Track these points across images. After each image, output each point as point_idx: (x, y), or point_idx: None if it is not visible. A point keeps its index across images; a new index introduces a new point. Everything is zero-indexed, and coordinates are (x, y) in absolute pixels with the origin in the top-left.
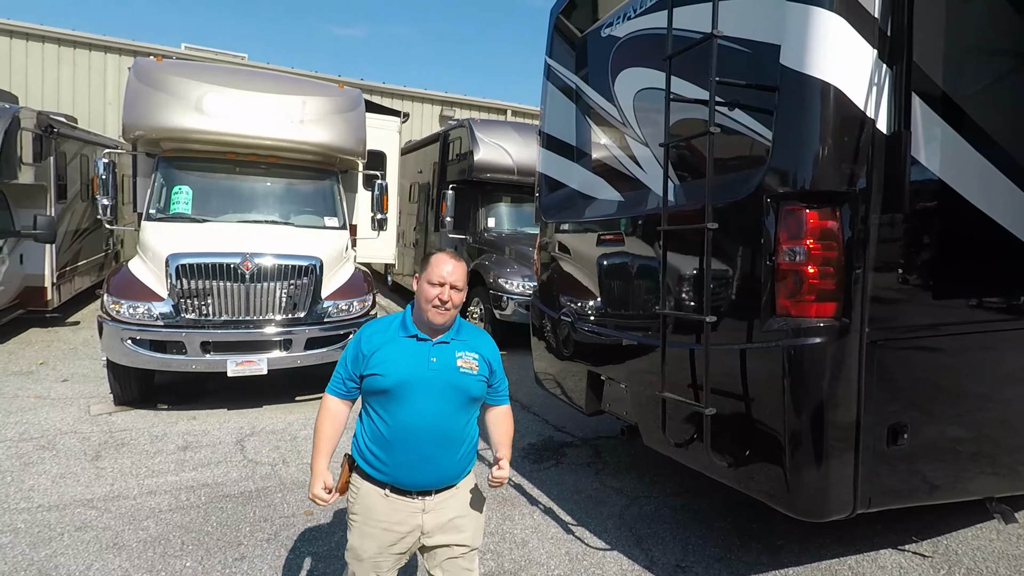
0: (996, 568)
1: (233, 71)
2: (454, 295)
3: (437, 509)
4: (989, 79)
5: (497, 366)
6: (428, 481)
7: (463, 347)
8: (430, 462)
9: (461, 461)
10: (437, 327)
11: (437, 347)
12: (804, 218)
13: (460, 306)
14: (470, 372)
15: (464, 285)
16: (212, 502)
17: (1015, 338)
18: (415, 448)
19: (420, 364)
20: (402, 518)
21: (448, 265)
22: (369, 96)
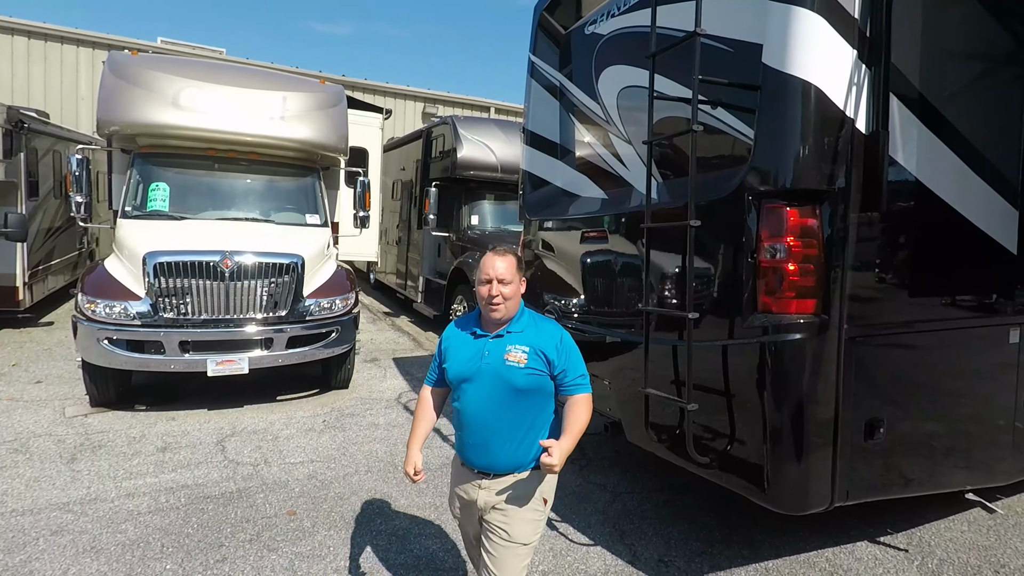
0: (967, 559)
1: (211, 66)
2: (503, 289)
3: (491, 490)
4: (964, 81)
5: (556, 356)
6: (484, 465)
7: (516, 340)
8: (483, 448)
9: (520, 452)
10: (495, 321)
11: (493, 341)
12: (785, 216)
13: (515, 297)
14: (516, 365)
15: (512, 277)
16: (192, 503)
17: (988, 335)
18: (472, 434)
19: (474, 358)
20: (467, 487)
21: (494, 261)
22: (351, 92)
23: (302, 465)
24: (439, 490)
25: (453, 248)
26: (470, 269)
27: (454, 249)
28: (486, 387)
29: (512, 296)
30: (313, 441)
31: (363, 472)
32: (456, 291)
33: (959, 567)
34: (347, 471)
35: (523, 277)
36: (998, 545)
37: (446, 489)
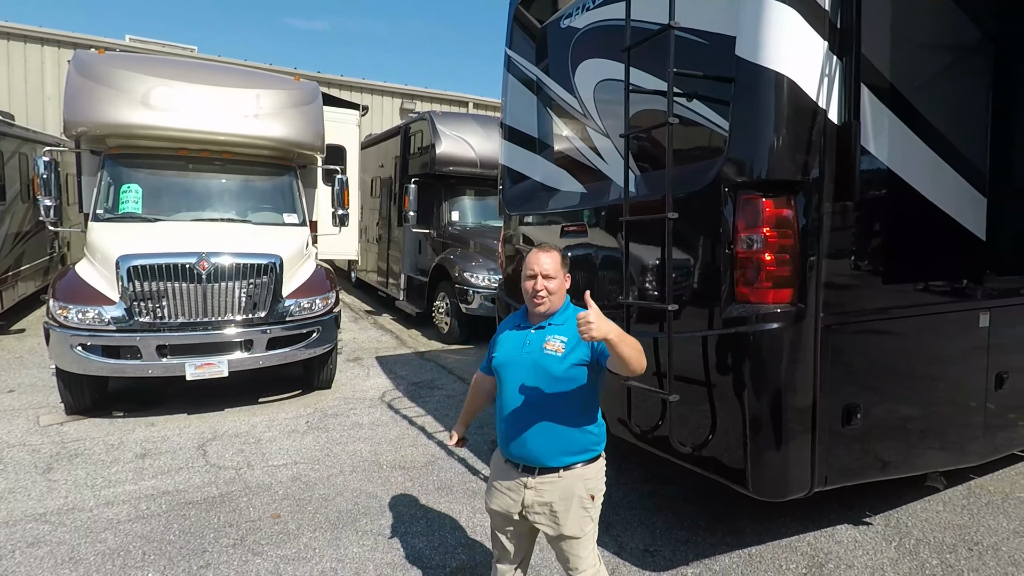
0: (943, 537)
1: (182, 64)
2: (548, 284)
3: (538, 490)
4: (933, 72)
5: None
6: (522, 456)
7: (557, 331)
8: (521, 438)
9: (557, 445)
10: (539, 314)
11: (535, 332)
12: (761, 207)
13: (559, 292)
14: (553, 354)
15: (556, 272)
16: (174, 510)
17: (960, 319)
18: (510, 423)
19: (516, 347)
20: (510, 485)
21: (539, 257)
22: (327, 89)
23: (285, 467)
24: (424, 488)
25: (434, 245)
26: (451, 265)
27: (435, 246)
28: (525, 376)
29: (556, 291)
30: (296, 443)
31: (348, 472)
32: (438, 288)
33: (935, 546)
34: (331, 472)
35: (567, 273)
36: (972, 524)
37: (431, 487)
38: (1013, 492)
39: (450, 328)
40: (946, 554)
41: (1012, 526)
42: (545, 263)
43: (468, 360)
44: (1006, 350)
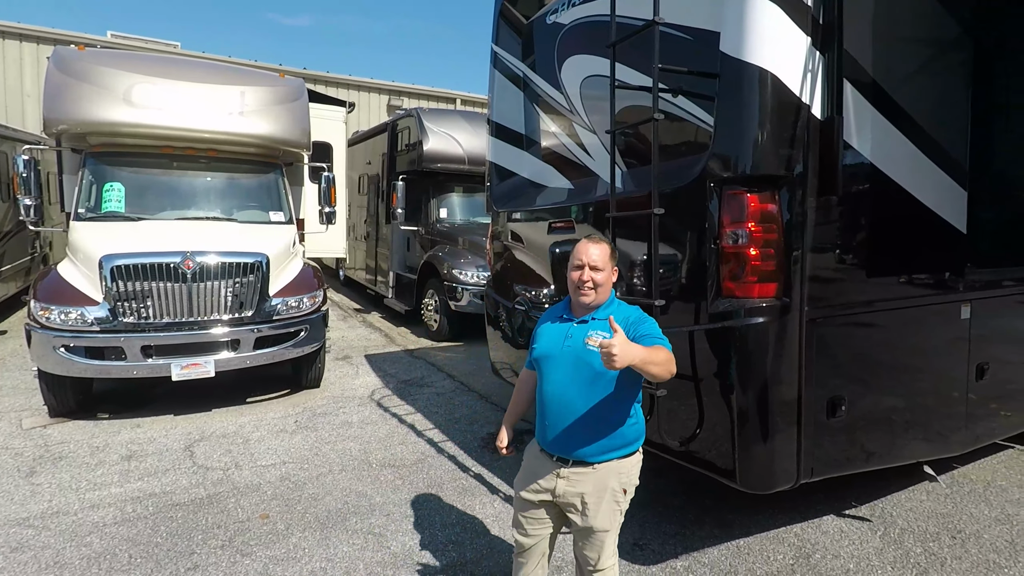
0: (926, 527)
1: (165, 60)
2: (595, 275)
3: (571, 480)
4: (914, 67)
5: (635, 331)
6: (559, 447)
7: (599, 326)
8: (560, 430)
9: (595, 440)
10: (584, 306)
11: (577, 326)
12: (746, 202)
13: (606, 285)
14: (595, 349)
15: (604, 264)
16: (161, 512)
17: (942, 311)
18: (550, 414)
19: (558, 340)
20: (542, 472)
21: (588, 248)
22: (313, 86)
23: (274, 467)
24: (415, 486)
25: (422, 242)
26: (440, 263)
27: (423, 243)
28: (567, 369)
29: (603, 283)
30: (285, 442)
31: (337, 471)
32: (427, 285)
33: (919, 535)
34: (320, 471)
35: (615, 267)
36: (955, 512)
37: (421, 485)
38: (994, 480)
39: (439, 325)
40: (929, 543)
41: (993, 514)
42: (594, 254)
43: (458, 357)
44: (986, 341)
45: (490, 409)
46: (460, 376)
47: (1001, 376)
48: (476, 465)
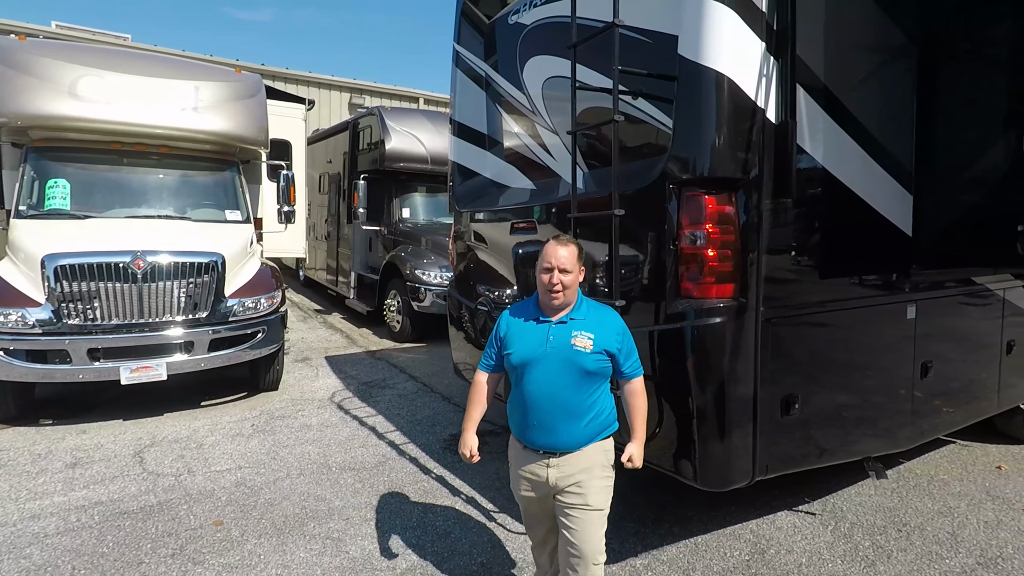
0: (874, 520)
1: (114, 52)
2: (564, 278)
3: (561, 466)
4: (862, 74)
5: (620, 342)
6: (549, 444)
7: (580, 326)
8: (551, 429)
9: (586, 430)
10: (555, 307)
11: (556, 327)
12: (703, 203)
13: (574, 286)
14: (583, 350)
15: (573, 266)
16: (107, 520)
17: (889, 311)
18: (538, 416)
19: (539, 343)
20: (532, 468)
21: (556, 250)
22: (271, 82)
23: (229, 472)
24: (375, 489)
25: (385, 242)
26: (403, 263)
27: (386, 243)
28: (552, 370)
29: (571, 285)
30: (241, 447)
31: (295, 476)
32: (389, 286)
33: (867, 528)
34: (278, 475)
35: (583, 267)
36: (901, 506)
37: (381, 488)
38: (937, 475)
39: (402, 326)
40: (877, 536)
41: (936, 507)
42: (562, 257)
43: (420, 358)
44: (930, 340)
45: (453, 410)
46: (423, 377)
47: (944, 374)
48: (438, 467)
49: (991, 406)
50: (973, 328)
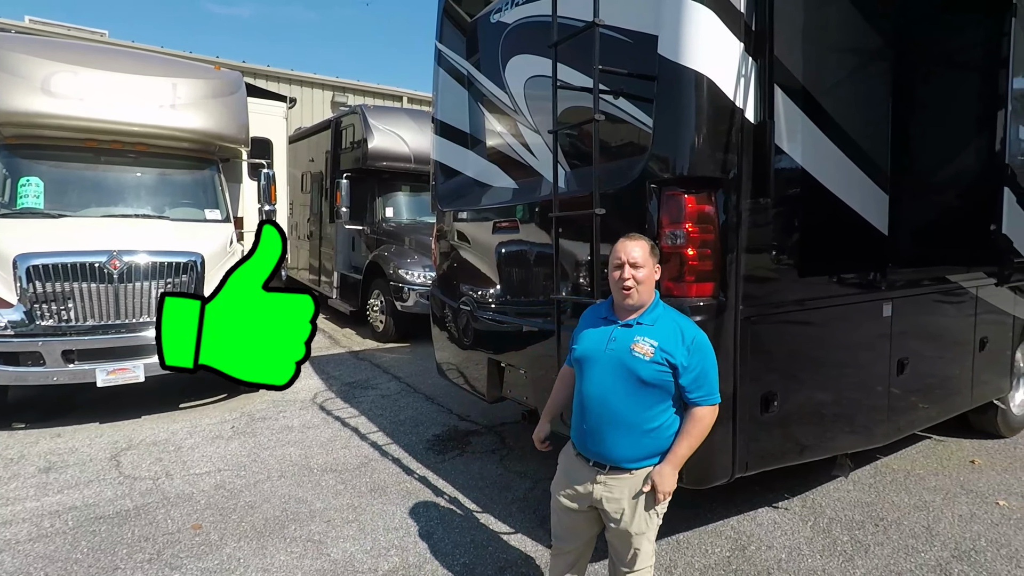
0: (852, 515)
1: (89, 48)
2: (636, 273)
3: (609, 486)
4: (839, 75)
5: (687, 359)
6: (597, 453)
7: (645, 332)
8: (598, 435)
9: (636, 448)
10: (627, 307)
11: (621, 329)
12: (683, 203)
13: (648, 283)
14: (641, 357)
15: (645, 261)
16: (82, 526)
17: (868, 309)
18: (589, 418)
19: (600, 342)
20: (579, 477)
21: (627, 245)
22: (252, 80)
23: (208, 475)
24: (357, 490)
25: (368, 241)
26: (386, 263)
27: (369, 242)
28: (608, 373)
29: (644, 281)
30: (220, 449)
31: (276, 478)
32: (372, 285)
33: (846, 523)
34: (258, 478)
35: (658, 264)
36: (878, 501)
37: (364, 489)
38: (913, 470)
39: (385, 326)
40: (855, 531)
41: (912, 501)
42: (633, 251)
43: (404, 359)
44: (906, 338)
45: (436, 410)
46: (406, 377)
47: (919, 370)
48: (421, 467)
49: (965, 402)
50: (947, 326)
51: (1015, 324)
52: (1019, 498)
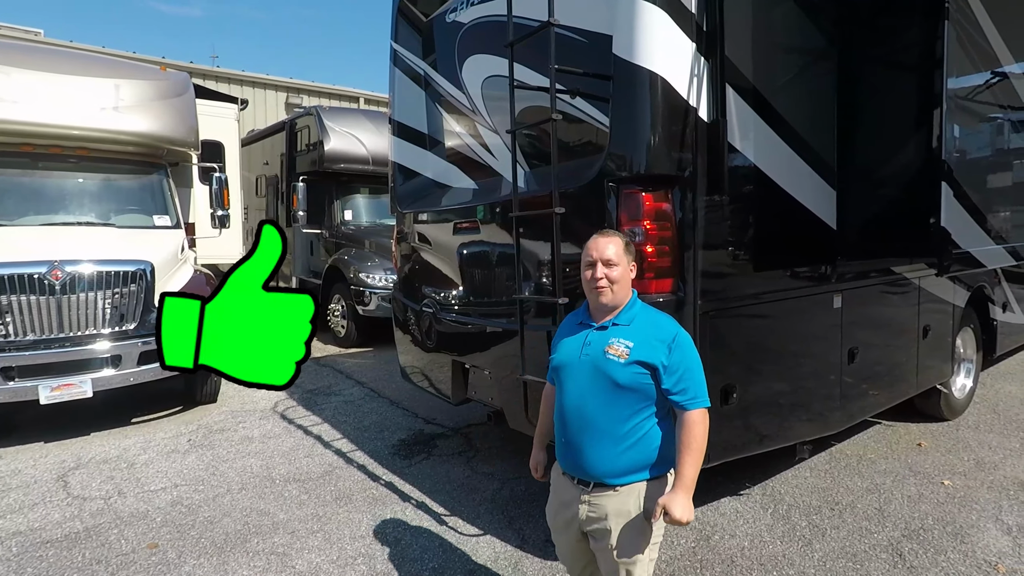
0: (810, 501)
1: (21, 48)
2: (609, 272)
3: (593, 505)
4: (787, 74)
5: (667, 359)
6: (580, 468)
7: (620, 333)
8: (578, 449)
9: (617, 461)
10: (602, 308)
11: (596, 332)
12: (641, 200)
13: (623, 282)
14: (616, 359)
15: (619, 259)
16: (27, 552)
17: (820, 301)
18: (567, 431)
19: (576, 348)
20: (568, 498)
21: (599, 242)
22: (201, 81)
23: (164, 491)
24: (321, 499)
25: (327, 245)
26: (346, 266)
27: (328, 246)
28: (584, 379)
29: (619, 280)
30: (177, 464)
31: (236, 491)
32: (333, 290)
33: (804, 509)
34: (217, 492)
35: (633, 262)
36: (833, 486)
37: (328, 498)
38: (865, 454)
39: (347, 331)
40: (813, 516)
41: (865, 484)
42: (605, 248)
43: (366, 364)
44: (856, 328)
45: (401, 415)
46: (369, 382)
47: (868, 359)
48: (387, 473)
49: (911, 387)
50: (893, 315)
51: (954, 312)
52: (962, 477)
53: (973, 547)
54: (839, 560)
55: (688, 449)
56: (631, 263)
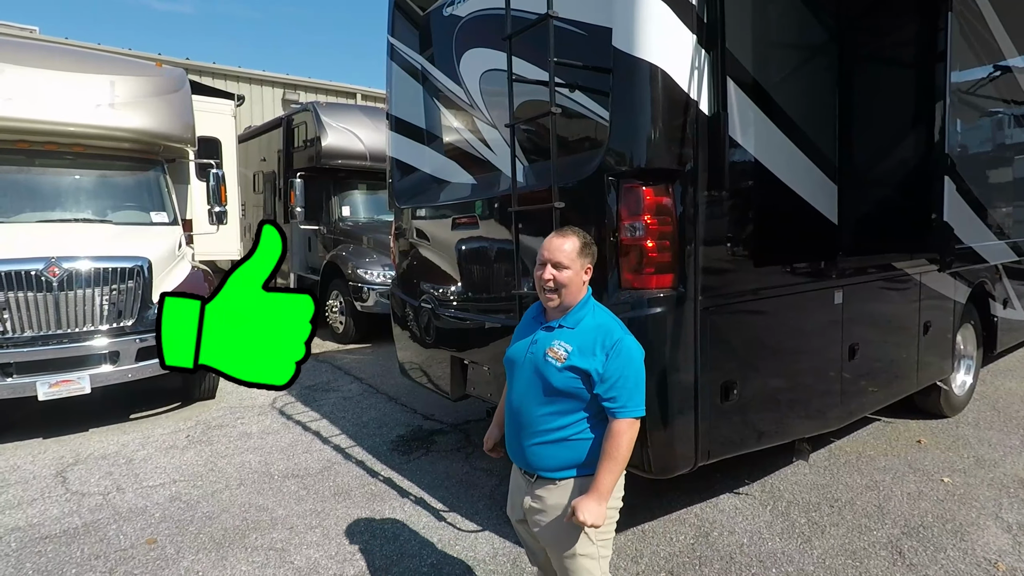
0: (809, 497)
1: (17, 45)
2: (558, 274)
3: (535, 496)
4: (789, 68)
5: (603, 364)
6: (521, 459)
7: (564, 335)
8: (519, 443)
9: (552, 457)
10: (553, 310)
11: (543, 331)
12: (642, 195)
13: (573, 286)
14: (554, 363)
15: (572, 261)
16: (26, 547)
17: (820, 297)
18: (511, 423)
19: (524, 345)
20: (516, 490)
21: (552, 242)
22: (198, 78)
23: (163, 487)
24: (320, 495)
25: (325, 241)
26: (344, 262)
27: (326, 242)
28: (525, 378)
29: (568, 283)
30: (175, 459)
31: (234, 487)
32: (331, 286)
33: (803, 506)
34: (216, 487)
35: (590, 264)
36: (832, 483)
37: (327, 493)
38: (864, 451)
39: (345, 327)
40: (812, 512)
41: (864, 482)
42: (559, 250)
43: (365, 360)
44: (856, 323)
45: (400, 411)
46: (368, 378)
47: (868, 355)
48: (386, 469)
49: (911, 384)
50: (894, 311)
51: (955, 308)
52: (962, 474)
53: (973, 545)
54: (838, 557)
55: (607, 456)
56: (586, 266)
